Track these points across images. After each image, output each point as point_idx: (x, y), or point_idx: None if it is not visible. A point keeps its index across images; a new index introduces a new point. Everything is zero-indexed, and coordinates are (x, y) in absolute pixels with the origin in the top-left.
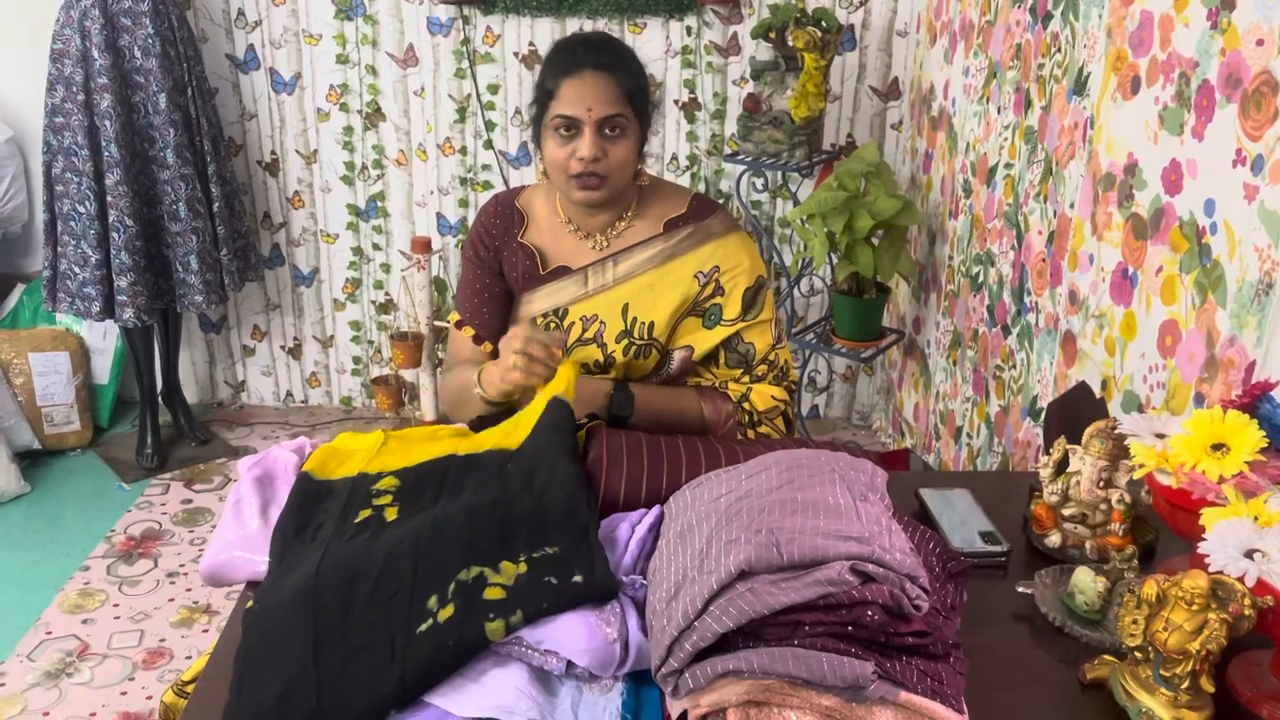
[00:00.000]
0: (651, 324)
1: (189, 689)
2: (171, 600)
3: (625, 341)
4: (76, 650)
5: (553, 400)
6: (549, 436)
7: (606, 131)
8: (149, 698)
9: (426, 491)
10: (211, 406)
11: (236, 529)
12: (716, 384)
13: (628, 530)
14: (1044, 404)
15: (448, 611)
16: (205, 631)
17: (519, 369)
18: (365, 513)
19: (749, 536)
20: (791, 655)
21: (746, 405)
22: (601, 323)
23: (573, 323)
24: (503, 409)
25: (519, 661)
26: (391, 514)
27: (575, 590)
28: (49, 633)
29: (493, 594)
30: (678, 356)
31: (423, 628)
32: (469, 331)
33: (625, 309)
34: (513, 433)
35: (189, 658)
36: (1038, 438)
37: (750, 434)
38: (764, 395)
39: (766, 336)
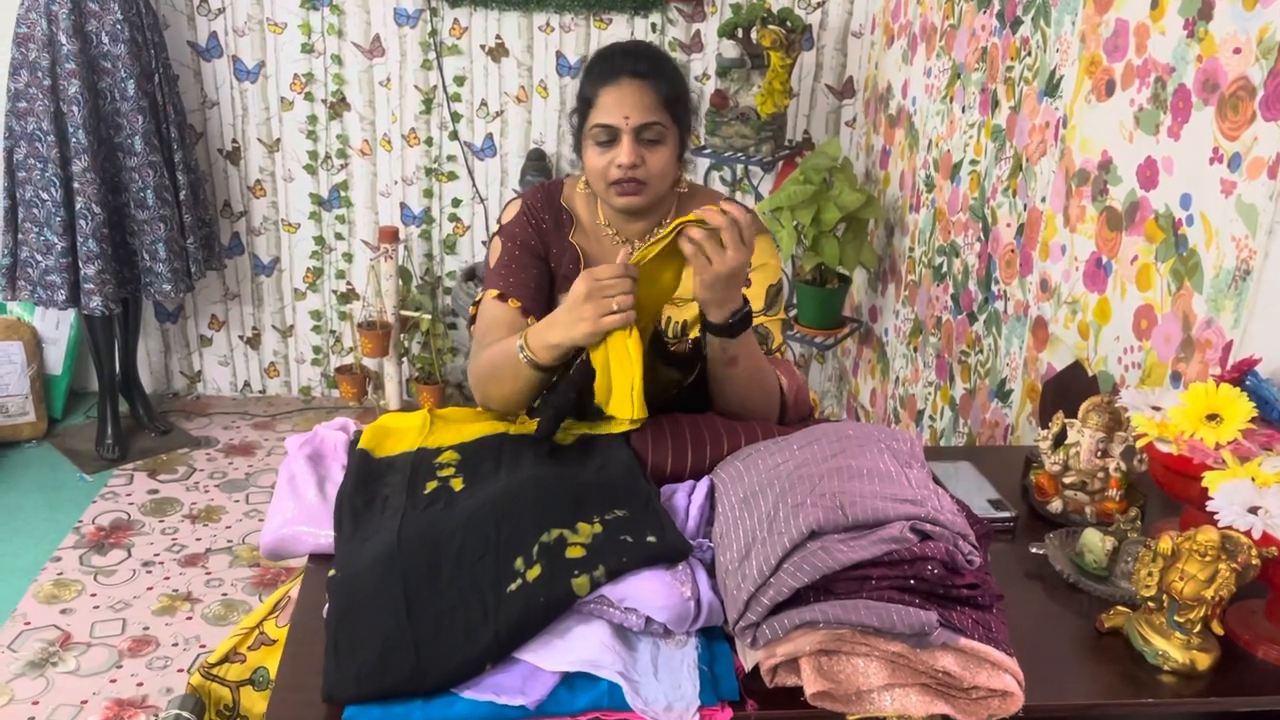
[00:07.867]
0: (684, 324)
1: (216, 671)
2: (150, 589)
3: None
4: (59, 640)
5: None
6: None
7: (645, 138)
8: (140, 685)
9: (486, 463)
10: (166, 397)
11: (295, 505)
12: None
13: (684, 499)
14: (1012, 386)
15: (535, 571)
16: (189, 619)
17: (586, 319)
18: (432, 484)
19: (814, 500)
20: (863, 606)
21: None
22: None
23: None
24: (550, 374)
25: (601, 620)
26: (458, 484)
27: (651, 548)
28: (28, 623)
29: (574, 553)
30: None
31: (512, 587)
32: (515, 303)
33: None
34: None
35: (175, 645)
36: (1006, 418)
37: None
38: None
39: (779, 335)
